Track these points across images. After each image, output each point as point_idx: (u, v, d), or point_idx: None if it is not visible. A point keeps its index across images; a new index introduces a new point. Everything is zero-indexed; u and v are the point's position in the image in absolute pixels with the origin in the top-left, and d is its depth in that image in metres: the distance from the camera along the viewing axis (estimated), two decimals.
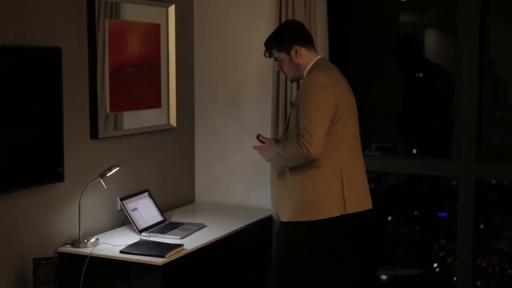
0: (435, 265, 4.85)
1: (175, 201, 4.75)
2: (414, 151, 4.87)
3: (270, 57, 3.75)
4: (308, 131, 3.44)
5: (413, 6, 5.00)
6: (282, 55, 3.68)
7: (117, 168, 3.91)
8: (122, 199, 4.10)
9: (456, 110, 4.49)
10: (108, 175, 3.88)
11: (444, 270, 4.84)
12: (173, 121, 4.68)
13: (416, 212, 4.91)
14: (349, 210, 3.58)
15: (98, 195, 4.03)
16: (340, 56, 4.54)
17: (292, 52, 3.64)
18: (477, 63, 4.33)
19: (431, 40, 5.00)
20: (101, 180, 3.86)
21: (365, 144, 4.75)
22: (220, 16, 4.82)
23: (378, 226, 4.88)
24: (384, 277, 4.99)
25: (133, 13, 4.36)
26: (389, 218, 4.96)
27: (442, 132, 4.76)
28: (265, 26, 4.44)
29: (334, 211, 3.55)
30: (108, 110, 4.14)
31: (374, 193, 3.81)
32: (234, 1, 4.77)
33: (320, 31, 4.41)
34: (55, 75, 3.70)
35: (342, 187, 3.56)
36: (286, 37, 3.68)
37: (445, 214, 4.79)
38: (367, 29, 4.95)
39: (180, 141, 4.79)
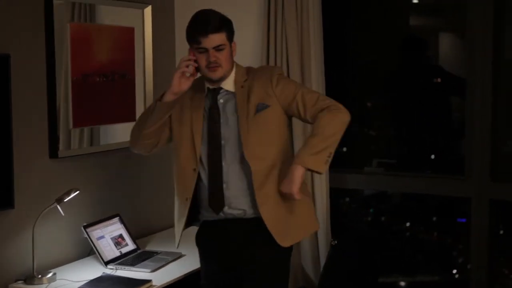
0: (454, 271, 4.63)
1: (153, 226, 4.29)
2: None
3: (213, 33, 2.98)
4: (323, 96, 3.09)
5: (423, 8, 4.62)
6: (227, 44, 3.02)
7: (77, 192, 3.44)
8: (86, 227, 3.63)
9: (468, 123, 4.01)
10: (66, 200, 3.40)
11: (463, 276, 4.54)
12: None
13: (434, 218, 4.67)
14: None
15: (57, 223, 3.57)
16: (337, 63, 4.22)
17: (233, 45, 3.10)
18: (491, 70, 3.89)
19: (440, 45, 4.57)
20: (58, 206, 3.38)
21: (365, 160, 4.36)
22: None
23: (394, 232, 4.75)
24: (402, 283, 4.78)
25: (109, 16, 3.97)
26: (407, 224, 4.73)
27: (452, 147, 4.42)
28: (253, 27, 4.01)
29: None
30: (71, 125, 3.70)
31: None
32: (219, 0, 4.29)
33: (313, 36, 4.01)
34: (1, 86, 3.25)
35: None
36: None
37: (464, 220, 4.45)
38: (367, 32, 4.55)
39: (158, 158, 4.30)
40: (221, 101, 3.08)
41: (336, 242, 3.71)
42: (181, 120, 3.11)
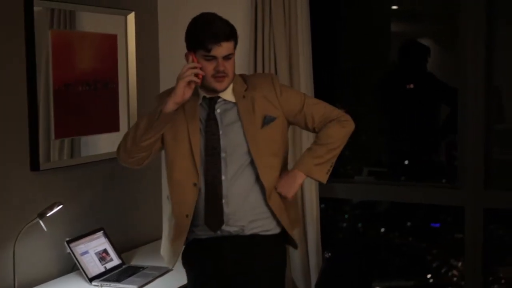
0: (428, 275, 4.60)
1: (139, 239, 4.15)
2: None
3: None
4: (329, 105, 3.01)
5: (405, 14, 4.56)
6: (233, 53, 2.88)
7: (60, 207, 3.30)
8: (69, 242, 3.49)
9: (461, 129, 3.91)
10: (48, 215, 3.26)
11: (438, 281, 4.59)
12: None
13: (409, 223, 4.64)
14: None
15: (39, 239, 3.43)
16: (326, 68, 4.13)
17: (234, 52, 2.96)
18: (484, 77, 3.80)
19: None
20: (40, 222, 3.24)
21: (356, 168, 4.26)
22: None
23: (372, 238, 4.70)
24: None
25: (90, 23, 3.83)
26: (382, 229, 4.70)
27: (443, 154, 4.36)
28: (240, 32, 3.85)
29: None
30: (53, 136, 3.56)
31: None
32: (205, 5, 4.16)
33: (301, 41, 3.91)
34: None
35: None
36: None
37: (438, 225, 4.53)
38: (356, 37, 4.48)
39: (144, 169, 4.11)
40: (218, 111, 2.92)
41: (330, 254, 3.60)
42: (175, 131, 2.92)
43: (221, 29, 2.81)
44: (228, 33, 2.83)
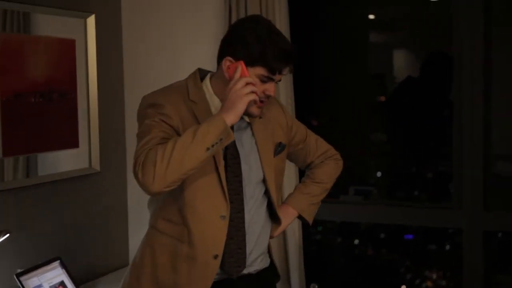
0: (403, 287, 4.51)
1: (102, 267, 3.76)
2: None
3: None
4: (320, 138, 2.78)
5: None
6: None
7: (6, 236, 2.88)
8: (19, 275, 3.07)
9: (456, 142, 3.63)
10: None
11: None
12: (96, 164, 3.73)
13: (382, 235, 4.52)
14: None
15: None
16: (304, 78, 3.83)
17: None
18: (482, 89, 3.55)
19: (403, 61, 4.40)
20: None
21: (341, 187, 3.98)
22: (158, 26, 3.89)
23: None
24: None
25: (46, 27, 3.46)
26: (356, 241, 4.58)
27: (439, 172, 4.12)
28: (213, 37, 3.54)
29: None
30: (0, 154, 3.16)
31: None
32: (174, 5, 3.83)
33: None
34: None
35: None
36: None
37: (411, 236, 4.43)
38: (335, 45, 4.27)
39: (106, 190, 3.84)
40: (234, 128, 2.45)
41: (317, 286, 3.23)
42: None
43: (290, 49, 2.38)
44: (294, 55, 2.40)
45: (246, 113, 2.38)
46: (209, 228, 2.40)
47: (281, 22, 3.53)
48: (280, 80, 2.42)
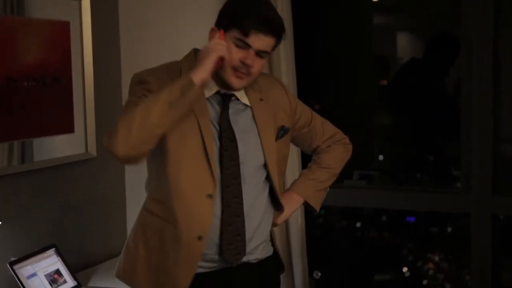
0: (404, 269, 4.55)
1: (100, 255, 3.70)
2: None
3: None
4: (334, 126, 2.71)
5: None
6: (269, 54, 2.43)
7: None
8: (13, 263, 3.01)
9: (464, 124, 3.58)
10: None
11: (414, 274, 4.53)
12: (92, 149, 3.66)
13: (384, 218, 4.55)
14: None
15: None
16: (307, 64, 3.82)
17: (271, 53, 2.52)
18: (491, 72, 3.48)
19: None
20: None
21: (345, 172, 3.94)
22: (156, 7, 3.82)
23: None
24: None
25: (39, 9, 3.39)
26: (358, 224, 4.61)
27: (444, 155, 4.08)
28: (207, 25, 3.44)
29: None
30: None
31: None
32: None
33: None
34: None
35: None
36: None
37: (413, 219, 4.45)
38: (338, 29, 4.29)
39: (103, 175, 3.78)
40: (230, 111, 2.40)
41: (320, 274, 3.16)
42: (180, 126, 2.31)
43: (272, 17, 2.32)
44: (279, 27, 2.34)
45: (227, 85, 2.34)
46: (194, 207, 2.32)
47: (283, 5, 3.46)
48: (262, 55, 2.32)
